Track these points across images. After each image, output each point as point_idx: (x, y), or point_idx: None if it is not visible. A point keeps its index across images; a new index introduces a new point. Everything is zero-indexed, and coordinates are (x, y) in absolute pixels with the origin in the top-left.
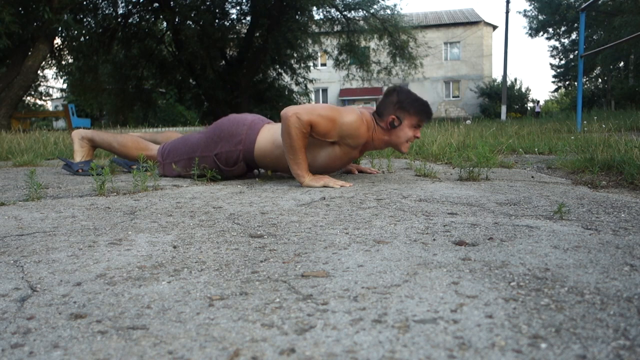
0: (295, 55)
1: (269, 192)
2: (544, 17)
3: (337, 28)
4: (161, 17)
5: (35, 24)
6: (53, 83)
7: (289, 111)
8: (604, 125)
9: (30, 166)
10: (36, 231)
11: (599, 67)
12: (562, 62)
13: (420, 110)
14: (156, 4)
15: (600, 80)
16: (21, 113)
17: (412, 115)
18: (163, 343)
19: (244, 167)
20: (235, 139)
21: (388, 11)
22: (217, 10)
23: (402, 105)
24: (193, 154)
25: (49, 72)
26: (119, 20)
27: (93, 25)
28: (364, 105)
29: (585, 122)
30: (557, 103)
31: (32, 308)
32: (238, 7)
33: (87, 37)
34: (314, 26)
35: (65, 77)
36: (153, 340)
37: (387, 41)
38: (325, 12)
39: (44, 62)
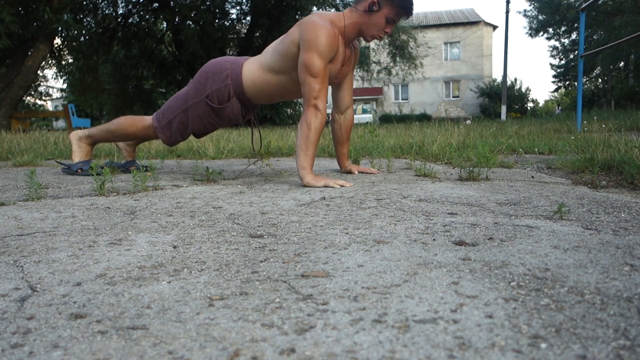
0: None
1: (269, 192)
2: (544, 17)
3: None
4: (161, 17)
5: (35, 24)
6: (53, 83)
7: (309, 101)
8: (604, 125)
9: (30, 166)
10: (36, 231)
11: (599, 67)
12: (562, 62)
13: (403, 5)
14: (156, 4)
15: (600, 80)
16: (21, 113)
17: (392, 6)
18: (163, 343)
19: (237, 103)
20: (222, 74)
21: None
22: (217, 10)
23: None
24: (185, 104)
25: (49, 72)
26: (119, 20)
27: (93, 25)
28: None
29: (585, 122)
30: (557, 103)
31: (32, 308)
32: (238, 7)
33: (87, 37)
34: None
35: (65, 77)
36: (153, 340)
37: (387, 41)
38: (323, 11)
39: (44, 62)
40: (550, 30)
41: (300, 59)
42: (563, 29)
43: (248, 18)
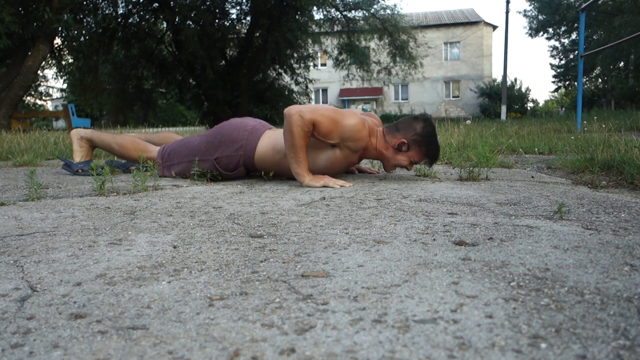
0: (295, 55)
1: (269, 192)
2: (544, 17)
3: (337, 28)
4: (161, 17)
5: (35, 24)
6: (53, 83)
7: (292, 109)
8: (604, 125)
9: (30, 166)
10: (36, 231)
11: (599, 67)
12: (562, 62)
13: (431, 155)
14: (156, 4)
15: (600, 80)
16: (21, 113)
17: (420, 154)
18: (163, 343)
19: (244, 171)
20: (236, 144)
21: (388, 11)
22: (217, 10)
23: (420, 139)
24: (193, 157)
25: (49, 72)
26: (119, 20)
27: (93, 25)
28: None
29: (585, 122)
30: (557, 103)
31: (32, 308)
32: (238, 7)
33: (87, 37)
34: (314, 26)
35: (65, 77)
36: (153, 340)
37: (387, 41)
38: (325, 12)
39: (44, 62)
40: (550, 30)
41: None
42: (563, 29)
43: (248, 18)
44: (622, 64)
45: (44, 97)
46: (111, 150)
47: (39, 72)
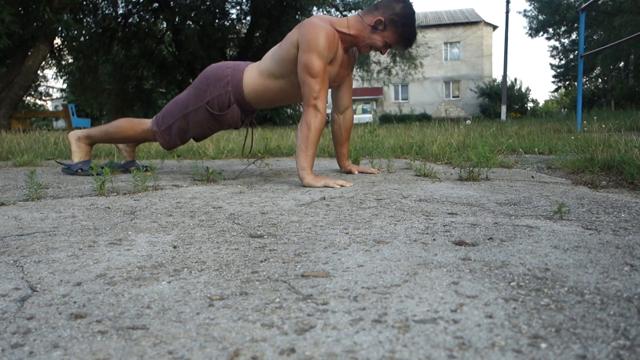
0: None
1: (269, 192)
2: (544, 17)
3: None
4: (161, 17)
5: (35, 24)
6: (53, 83)
7: (309, 101)
8: (604, 125)
9: (30, 166)
10: (36, 231)
11: (599, 67)
12: (562, 62)
13: (406, 37)
14: (156, 4)
15: (600, 80)
16: (21, 113)
17: (395, 34)
18: (163, 343)
19: (238, 110)
20: (222, 81)
21: None
22: (217, 10)
23: (397, 20)
24: (185, 110)
25: (49, 72)
26: (119, 20)
27: (93, 25)
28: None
29: (585, 122)
30: (557, 103)
31: (32, 308)
32: (238, 7)
33: (87, 37)
34: None
35: (65, 77)
36: (153, 340)
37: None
38: (325, 12)
39: (44, 62)
40: (550, 30)
41: (300, 59)
42: (563, 29)
43: (248, 18)
44: (622, 64)
45: (44, 97)
46: (110, 137)
47: (39, 72)
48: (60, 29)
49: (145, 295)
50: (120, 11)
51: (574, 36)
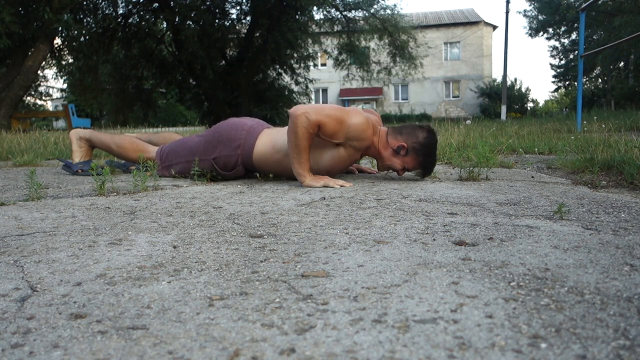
0: (295, 55)
1: (269, 192)
2: (544, 17)
3: (337, 28)
4: (161, 17)
5: (35, 24)
6: (53, 83)
7: (297, 110)
8: (604, 125)
9: (30, 166)
10: (36, 231)
11: (599, 67)
12: (562, 62)
13: (425, 167)
14: (156, 4)
15: (600, 80)
16: (21, 113)
17: (415, 162)
18: (163, 343)
19: (243, 171)
20: (234, 143)
21: (388, 11)
22: (217, 10)
23: (419, 149)
24: (191, 157)
25: (49, 72)
26: (119, 20)
27: (93, 25)
28: (364, 105)
29: (585, 122)
30: (557, 103)
31: (32, 308)
32: (238, 7)
33: (87, 37)
34: (314, 26)
35: (65, 77)
36: (153, 340)
37: (387, 41)
38: (325, 12)
39: (44, 62)
40: (550, 30)
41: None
42: (563, 29)
43: (248, 18)
44: (622, 64)
45: (44, 97)
46: (110, 151)
47: (39, 72)
48: (60, 29)
49: (145, 295)
50: (120, 11)
51: (574, 36)
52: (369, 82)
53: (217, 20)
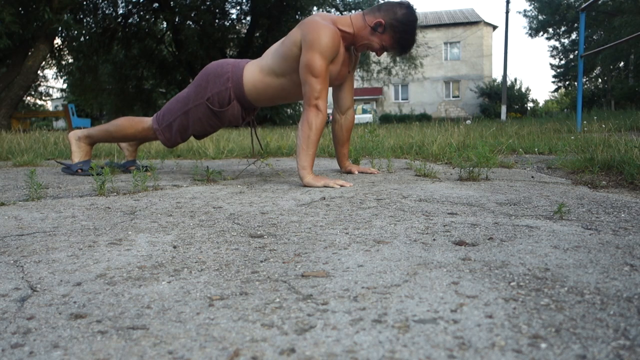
0: None
1: (269, 192)
2: (544, 17)
3: None
4: (161, 17)
5: (35, 24)
6: (53, 83)
7: (311, 101)
8: (604, 125)
9: (30, 166)
10: (36, 231)
11: (599, 67)
12: (562, 62)
13: (403, 44)
14: (156, 4)
15: (600, 80)
16: (21, 113)
17: (393, 39)
18: (163, 343)
19: (238, 106)
20: (223, 77)
21: None
22: (217, 10)
23: (397, 25)
24: (186, 107)
25: (49, 72)
26: (119, 20)
27: (93, 25)
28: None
29: (585, 122)
30: (557, 103)
31: (32, 308)
32: (238, 7)
33: (87, 37)
34: None
35: (65, 77)
36: (153, 340)
37: None
38: (325, 12)
39: (44, 62)
40: (550, 30)
41: (302, 59)
42: (563, 29)
43: (248, 18)
44: (622, 64)
45: (44, 97)
46: (110, 136)
47: (39, 72)
48: (60, 29)
49: (145, 295)
50: (120, 11)
51: (574, 36)
52: (369, 82)
53: (217, 20)
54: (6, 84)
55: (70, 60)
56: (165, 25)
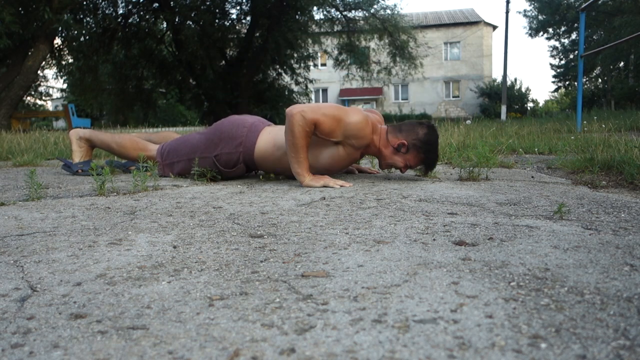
0: (295, 55)
1: (269, 192)
2: (544, 17)
3: (337, 28)
4: (161, 17)
5: (35, 24)
6: (53, 83)
7: (294, 109)
8: (604, 125)
9: (30, 166)
10: (36, 231)
11: (599, 67)
12: (562, 62)
13: (427, 163)
14: (156, 4)
15: (600, 80)
16: (21, 113)
17: (416, 159)
18: (163, 343)
19: (244, 168)
20: (236, 141)
21: (388, 11)
22: (217, 10)
23: (420, 146)
24: (193, 155)
25: (49, 72)
26: (119, 20)
27: (93, 25)
28: (364, 105)
29: (585, 122)
30: (557, 103)
31: (32, 308)
32: (238, 7)
33: (87, 37)
34: (314, 26)
35: (65, 77)
36: (153, 340)
37: (387, 41)
38: (325, 12)
39: (44, 62)
40: (550, 30)
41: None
42: (563, 29)
43: (248, 18)
44: (622, 64)
45: (44, 97)
46: (110, 150)
47: (39, 72)
48: (60, 29)
49: (145, 295)
50: (120, 11)
51: (574, 36)
52: (369, 82)
53: (217, 20)
54: (6, 84)
55: (70, 60)
56: (165, 25)
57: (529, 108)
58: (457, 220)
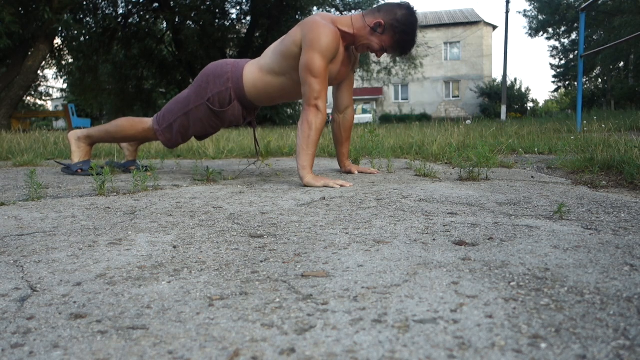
0: None
1: (269, 192)
2: (544, 17)
3: None
4: (161, 17)
5: (35, 24)
6: (53, 83)
7: (311, 101)
8: (604, 125)
9: (30, 166)
10: (36, 231)
11: (599, 67)
12: (562, 62)
13: (402, 45)
14: (156, 4)
15: (600, 80)
16: (21, 113)
17: (392, 40)
18: (163, 343)
19: (239, 106)
20: (223, 77)
21: None
22: (217, 10)
23: (397, 26)
24: (186, 107)
25: (49, 72)
26: (119, 20)
27: (93, 25)
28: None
29: (585, 122)
30: (557, 103)
31: (32, 308)
32: (238, 7)
33: (87, 37)
34: None
35: (65, 77)
36: (153, 340)
37: None
38: (325, 12)
39: (44, 62)
40: (550, 30)
41: (302, 58)
42: (563, 29)
43: (248, 18)
44: (622, 64)
45: (44, 97)
46: (110, 136)
47: (39, 72)
48: (60, 29)
49: (145, 295)
50: (120, 11)
51: (574, 36)
52: (369, 82)
53: (217, 20)
54: (6, 84)
55: (70, 60)
56: (165, 25)
57: (529, 108)
58: (457, 220)
